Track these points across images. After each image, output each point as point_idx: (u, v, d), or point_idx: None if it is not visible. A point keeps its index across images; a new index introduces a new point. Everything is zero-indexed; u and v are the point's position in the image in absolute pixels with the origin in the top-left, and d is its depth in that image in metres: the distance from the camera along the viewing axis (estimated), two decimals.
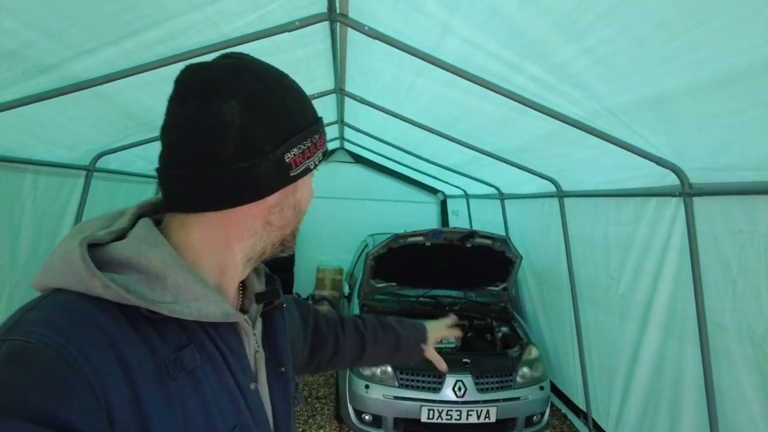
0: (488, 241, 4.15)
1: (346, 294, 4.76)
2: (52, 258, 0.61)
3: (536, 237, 4.49)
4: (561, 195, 3.71)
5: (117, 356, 0.56)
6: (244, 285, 0.82)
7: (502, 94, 2.26)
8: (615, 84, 1.80)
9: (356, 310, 4.24)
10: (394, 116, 3.57)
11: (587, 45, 1.60)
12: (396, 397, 3.49)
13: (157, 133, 0.69)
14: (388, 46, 2.26)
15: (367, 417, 3.55)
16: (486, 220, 5.74)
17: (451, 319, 1.44)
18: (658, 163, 2.30)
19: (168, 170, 0.66)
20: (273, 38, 2.24)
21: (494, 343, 4.24)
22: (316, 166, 0.73)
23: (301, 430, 3.91)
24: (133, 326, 0.59)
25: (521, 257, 4.18)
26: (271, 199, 0.68)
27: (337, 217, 7.19)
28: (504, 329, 4.29)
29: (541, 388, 3.62)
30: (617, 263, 3.11)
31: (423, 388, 3.52)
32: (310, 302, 6.69)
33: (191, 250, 0.67)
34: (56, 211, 3.12)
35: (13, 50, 1.68)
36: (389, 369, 3.58)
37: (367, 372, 3.59)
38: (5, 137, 2.41)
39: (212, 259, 0.69)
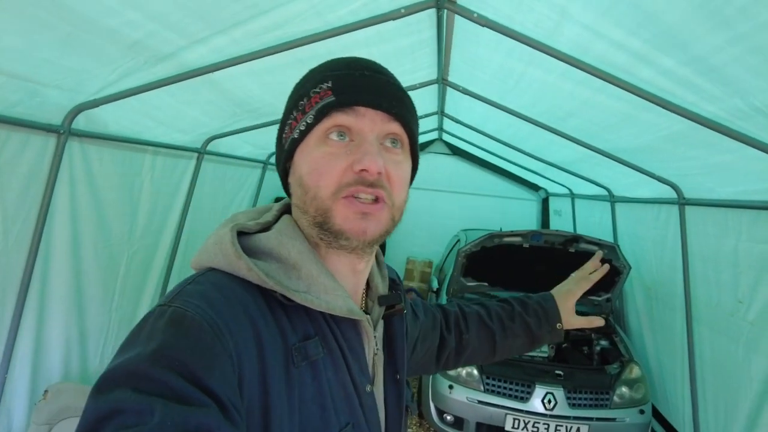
0: (594, 248, 3.84)
1: (435, 289, 4.67)
2: (207, 242, 0.70)
3: (648, 246, 4.06)
4: (682, 202, 3.30)
5: (255, 335, 0.60)
6: (368, 286, 0.84)
7: (624, 88, 2.02)
8: None
9: None
10: (498, 108, 3.38)
11: (740, 32, 1.35)
12: (480, 402, 3.37)
13: (262, 120, 0.77)
14: (497, 34, 2.11)
15: (448, 417, 3.47)
16: (592, 223, 5.33)
17: (592, 264, 1.23)
18: None
19: None
20: (378, 27, 2.18)
21: (591, 357, 3.94)
22: (303, 133, 0.69)
23: None
24: (269, 309, 0.65)
25: (630, 267, 3.82)
26: (291, 175, 0.74)
27: (430, 208, 7.08)
28: (604, 343, 3.97)
29: (642, 411, 3.30)
30: (748, 285, 2.71)
31: (510, 396, 3.36)
32: None
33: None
34: (170, 189, 3.36)
35: (138, 40, 1.79)
36: (475, 371, 3.46)
37: (451, 372, 3.50)
38: (131, 120, 2.61)
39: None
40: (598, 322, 1.17)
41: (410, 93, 3.01)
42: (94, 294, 2.78)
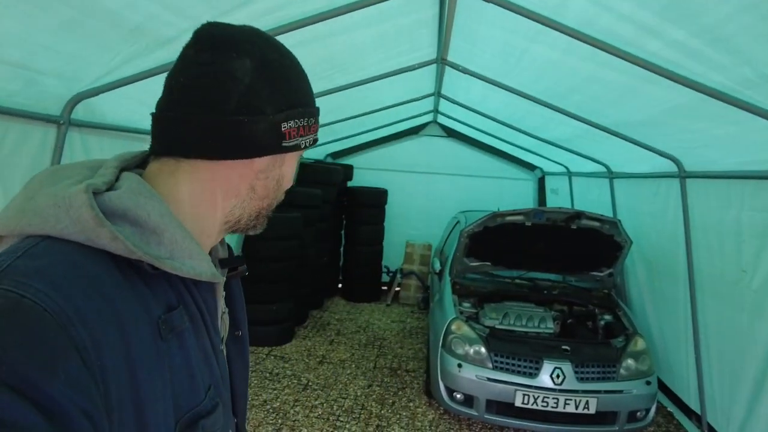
0: (596, 224, 3.88)
1: (437, 271, 4.69)
2: (37, 202, 0.57)
3: (648, 221, 4.11)
4: (683, 175, 3.33)
5: (116, 318, 0.53)
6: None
7: (630, 61, 2.02)
8: None
9: (448, 288, 4.17)
10: (498, 86, 3.37)
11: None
12: (489, 379, 3.41)
13: None
14: (501, 10, 2.10)
15: (458, 396, 3.51)
16: (590, 200, 5.37)
17: None
18: None
19: (170, 113, 0.66)
20: (379, 5, 2.16)
21: (596, 332, 3.99)
22: (305, 147, 0.74)
23: (391, 401, 3.97)
24: (129, 282, 0.57)
25: (631, 242, 3.87)
26: (260, 163, 0.70)
27: (427, 192, 7.10)
28: (607, 317, 4.03)
29: (648, 383, 3.36)
30: (752, 254, 2.75)
31: (518, 372, 3.40)
32: (399, 276, 6.75)
33: (177, 203, 0.66)
34: None
35: (139, 24, 1.75)
36: (483, 349, 3.49)
37: (459, 351, 3.53)
38: (127, 108, 2.56)
39: (195, 216, 0.68)
40: None
41: (408, 74, 3.00)
42: None
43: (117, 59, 2.01)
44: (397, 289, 6.77)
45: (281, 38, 2.19)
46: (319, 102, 0.78)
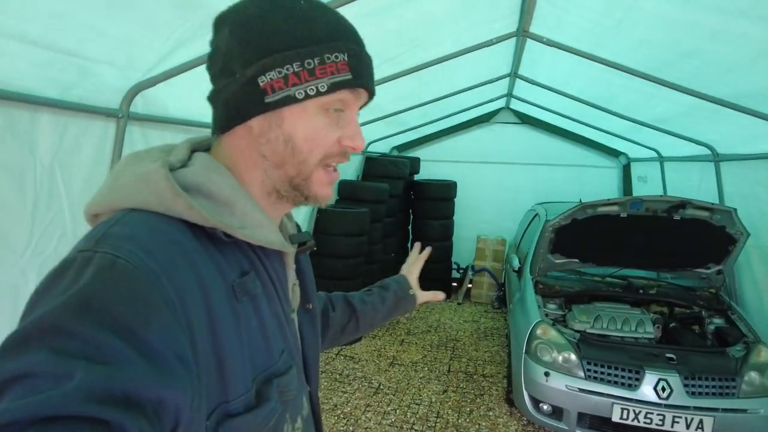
0: (705, 213, 3.38)
1: (516, 268, 4.31)
2: (121, 180, 0.63)
3: None
4: None
5: (197, 276, 0.58)
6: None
7: None
8: None
9: (529, 287, 3.80)
10: (590, 59, 2.93)
11: None
12: (581, 390, 3.03)
13: None
14: None
15: (545, 407, 3.16)
16: (688, 187, 4.75)
17: (424, 253, 1.36)
18: None
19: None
20: None
21: (704, 338, 3.48)
22: (308, 96, 0.65)
23: (468, 409, 3.66)
24: (204, 248, 0.62)
25: (748, 234, 3.33)
26: (255, 127, 0.67)
27: (498, 183, 6.67)
28: (718, 321, 3.51)
29: None
30: None
31: (615, 383, 3.01)
32: (470, 273, 6.41)
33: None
34: None
35: None
36: (573, 356, 3.11)
37: (546, 358, 3.17)
38: (190, 100, 2.42)
39: (246, 188, 0.70)
40: (440, 296, 1.33)
41: (481, 53, 2.66)
42: None
43: (170, 41, 1.84)
44: (469, 286, 6.42)
45: (346, 8, 1.96)
46: (385, 88, 0.54)
